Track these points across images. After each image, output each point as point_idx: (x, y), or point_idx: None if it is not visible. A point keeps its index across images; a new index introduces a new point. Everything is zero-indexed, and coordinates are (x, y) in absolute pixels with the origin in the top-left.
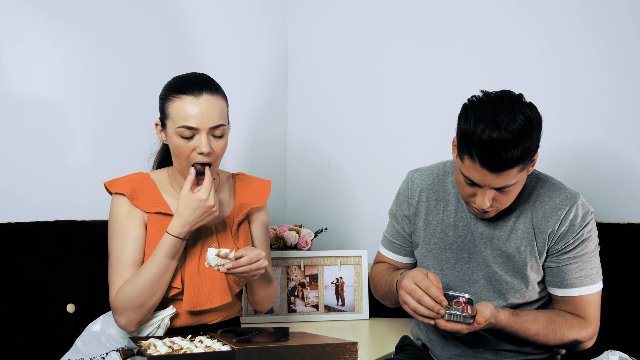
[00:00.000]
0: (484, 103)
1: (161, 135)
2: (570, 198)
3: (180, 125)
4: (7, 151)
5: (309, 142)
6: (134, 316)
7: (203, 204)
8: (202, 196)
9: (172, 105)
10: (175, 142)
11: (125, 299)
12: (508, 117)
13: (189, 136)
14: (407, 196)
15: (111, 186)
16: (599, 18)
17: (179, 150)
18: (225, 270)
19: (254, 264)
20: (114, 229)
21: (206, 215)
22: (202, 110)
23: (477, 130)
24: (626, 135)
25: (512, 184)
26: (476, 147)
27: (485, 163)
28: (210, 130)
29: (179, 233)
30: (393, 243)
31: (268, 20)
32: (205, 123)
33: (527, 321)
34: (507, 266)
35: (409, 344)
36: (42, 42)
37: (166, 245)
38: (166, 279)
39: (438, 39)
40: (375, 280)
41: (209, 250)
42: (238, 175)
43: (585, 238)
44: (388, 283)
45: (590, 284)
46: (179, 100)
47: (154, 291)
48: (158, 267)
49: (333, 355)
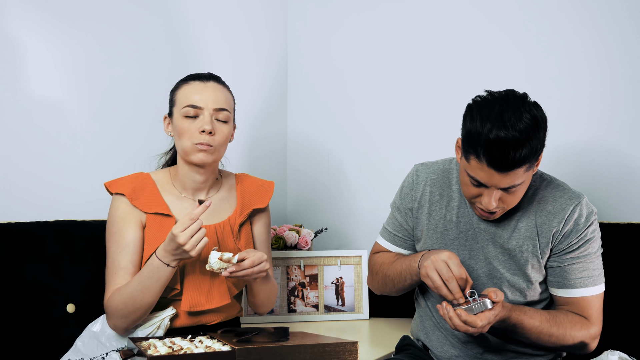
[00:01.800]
0: (490, 102)
1: (168, 129)
2: (575, 198)
3: (185, 105)
4: (7, 151)
5: (309, 142)
6: (120, 323)
7: (174, 239)
8: (174, 230)
9: (179, 92)
10: (180, 125)
11: (113, 306)
12: (515, 116)
13: (193, 115)
14: (411, 189)
15: (111, 186)
16: (599, 17)
17: (184, 130)
18: (227, 274)
19: (256, 266)
20: (111, 231)
21: (180, 252)
22: (208, 92)
23: (483, 129)
24: (627, 134)
25: (519, 184)
26: (483, 147)
27: (492, 163)
28: (214, 112)
29: (161, 257)
30: (394, 235)
31: (268, 19)
32: (210, 103)
33: (529, 312)
34: (509, 264)
35: (409, 344)
36: (42, 42)
37: (150, 265)
38: (150, 299)
39: (437, 39)
40: (384, 267)
41: (211, 253)
42: (241, 176)
43: (589, 238)
44: (406, 263)
45: (593, 285)
46: (186, 85)
47: (137, 307)
48: (141, 285)
49: (333, 355)
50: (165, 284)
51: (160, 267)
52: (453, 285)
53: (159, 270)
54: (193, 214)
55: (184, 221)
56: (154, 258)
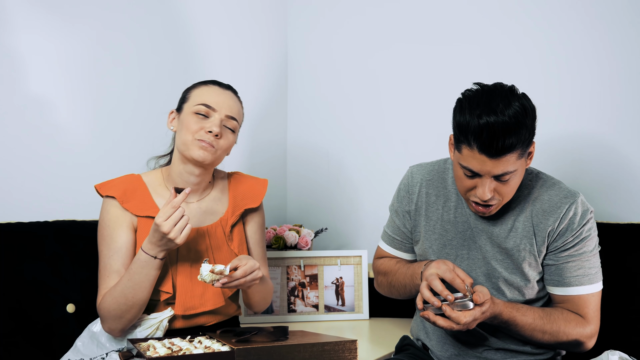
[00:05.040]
0: (478, 92)
1: (172, 123)
2: (570, 196)
3: (200, 103)
4: (7, 151)
5: (309, 141)
6: (115, 325)
7: (157, 229)
8: (156, 219)
9: (195, 90)
10: (188, 120)
11: (105, 308)
12: (503, 103)
13: (203, 113)
14: (407, 191)
15: (102, 189)
16: (598, 16)
17: (190, 125)
18: (220, 285)
19: (248, 276)
20: (102, 235)
21: (165, 242)
22: (224, 98)
23: (473, 117)
24: (627, 134)
25: (512, 172)
26: (473, 133)
27: (483, 148)
28: (225, 118)
29: (147, 250)
30: (394, 239)
31: (268, 21)
32: (223, 109)
33: (522, 308)
34: (507, 263)
35: (409, 344)
36: (42, 42)
37: (138, 260)
38: (142, 295)
39: (437, 39)
40: (389, 276)
41: (202, 265)
42: (234, 174)
43: (585, 237)
44: (410, 273)
45: (589, 284)
46: (205, 87)
47: (130, 305)
48: (131, 281)
49: (333, 353)
50: (155, 279)
51: (148, 260)
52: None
53: (147, 264)
54: (174, 202)
55: (166, 210)
56: (141, 252)
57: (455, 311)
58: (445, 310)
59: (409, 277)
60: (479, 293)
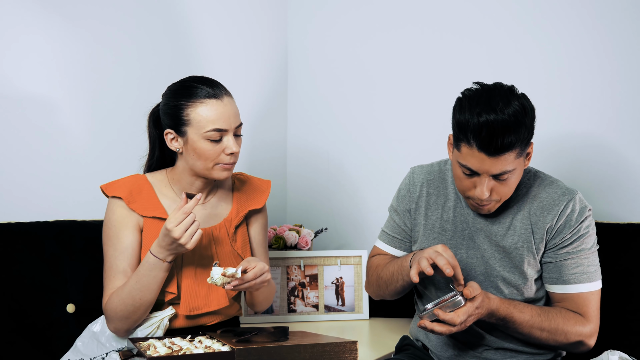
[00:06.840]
0: (478, 91)
1: (176, 144)
2: (568, 194)
3: (210, 129)
4: (7, 151)
5: (309, 141)
6: (121, 325)
7: (168, 234)
8: (167, 225)
9: (193, 110)
10: (202, 147)
11: (112, 309)
12: (503, 102)
13: (218, 139)
14: (408, 191)
15: (108, 189)
16: (599, 16)
17: (207, 153)
18: (231, 287)
19: (258, 278)
20: (108, 235)
21: (175, 246)
22: (228, 112)
23: (472, 115)
24: (626, 134)
25: (510, 171)
26: (473, 131)
27: (482, 146)
28: (234, 129)
29: (156, 252)
30: (393, 238)
31: (268, 21)
32: (232, 123)
33: (520, 305)
34: (505, 262)
35: (409, 344)
36: (42, 42)
37: (146, 262)
38: (149, 297)
39: (437, 39)
40: (379, 269)
41: (213, 269)
42: (237, 175)
43: (583, 234)
44: (398, 264)
45: (588, 282)
46: (202, 105)
47: (137, 306)
48: (139, 283)
49: (333, 354)
50: (162, 281)
51: (156, 263)
52: (442, 262)
53: (155, 266)
54: (186, 208)
55: (177, 215)
56: (149, 255)
57: (448, 313)
58: (439, 314)
59: (398, 265)
60: (469, 287)
